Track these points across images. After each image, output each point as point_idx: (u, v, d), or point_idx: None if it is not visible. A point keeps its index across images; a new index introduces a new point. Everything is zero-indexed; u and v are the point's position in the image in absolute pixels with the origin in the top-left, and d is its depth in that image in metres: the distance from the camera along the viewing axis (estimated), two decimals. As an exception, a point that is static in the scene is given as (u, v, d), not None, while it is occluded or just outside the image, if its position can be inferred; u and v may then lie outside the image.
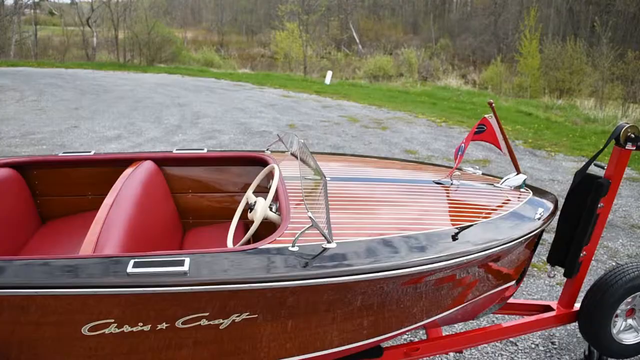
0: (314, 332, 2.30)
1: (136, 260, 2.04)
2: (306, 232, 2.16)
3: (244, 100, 14.41)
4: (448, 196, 3.07)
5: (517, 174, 3.38)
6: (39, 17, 40.14)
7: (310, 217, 2.11)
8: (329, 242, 2.19)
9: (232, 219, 2.95)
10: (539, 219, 2.90)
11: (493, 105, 3.27)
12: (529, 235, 2.79)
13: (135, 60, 29.57)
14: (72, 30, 35.73)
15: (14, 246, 3.16)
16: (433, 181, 3.26)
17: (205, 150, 3.63)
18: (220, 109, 12.96)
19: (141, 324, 2.06)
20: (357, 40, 40.14)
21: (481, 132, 3.30)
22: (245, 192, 3.53)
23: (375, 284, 2.23)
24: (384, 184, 3.14)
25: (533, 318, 3.40)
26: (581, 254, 3.22)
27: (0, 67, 23.46)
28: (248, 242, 2.55)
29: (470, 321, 3.88)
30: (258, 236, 2.63)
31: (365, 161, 3.96)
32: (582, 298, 3.34)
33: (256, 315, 2.13)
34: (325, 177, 2.37)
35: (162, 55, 30.08)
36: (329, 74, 20.61)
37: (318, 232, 2.17)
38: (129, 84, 17.82)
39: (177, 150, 3.62)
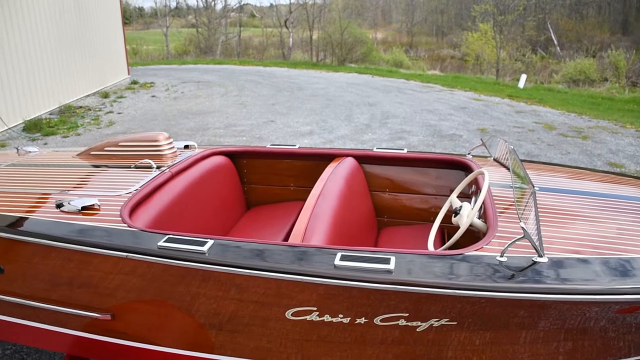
0: (503, 349, 2.18)
1: (343, 253, 2.09)
2: (516, 243, 2.06)
3: (433, 102, 14.25)
4: None
5: None
6: (242, 20, 43.88)
7: (522, 228, 2.00)
8: (540, 255, 2.06)
9: (426, 221, 2.92)
10: None
11: None
12: None
13: (327, 60, 30.88)
14: (270, 31, 38.82)
15: (225, 227, 3.46)
16: None
17: (405, 151, 3.64)
18: (409, 109, 12.96)
19: (341, 316, 2.11)
20: (555, 42, 37.58)
21: None
22: (442, 195, 3.48)
23: (581, 307, 2.02)
24: (582, 197, 2.83)
25: None
26: None
27: (209, 64, 26.21)
28: (450, 247, 2.50)
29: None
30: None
31: (560, 170, 3.63)
32: None
33: (455, 323, 2.07)
34: (534, 187, 2.23)
35: (353, 55, 30.99)
36: (523, 77, 19.58)
37: (527, 244, 2.05)
38: (321, 82, 18.60)
39: (377, 149, 3.67)
